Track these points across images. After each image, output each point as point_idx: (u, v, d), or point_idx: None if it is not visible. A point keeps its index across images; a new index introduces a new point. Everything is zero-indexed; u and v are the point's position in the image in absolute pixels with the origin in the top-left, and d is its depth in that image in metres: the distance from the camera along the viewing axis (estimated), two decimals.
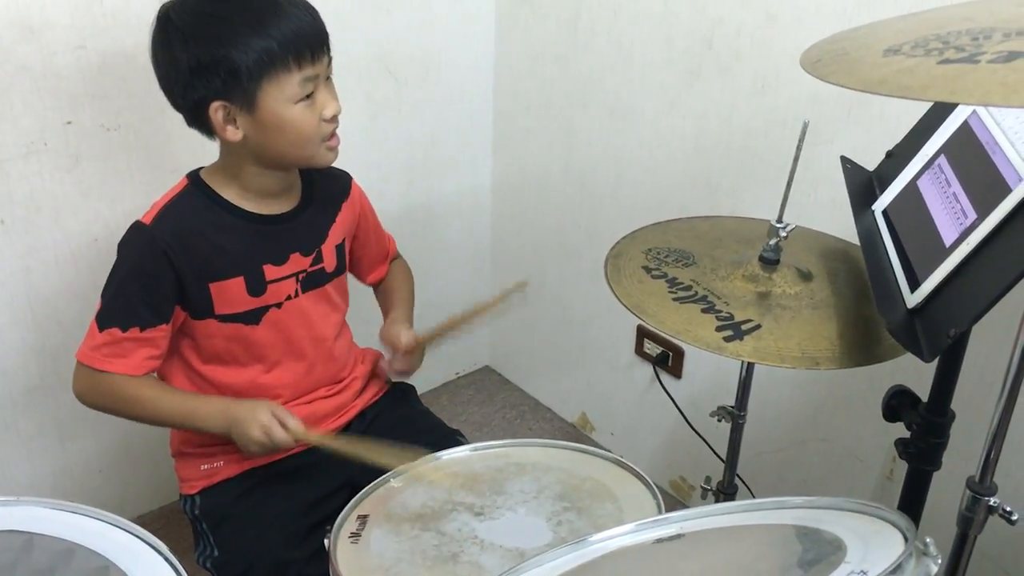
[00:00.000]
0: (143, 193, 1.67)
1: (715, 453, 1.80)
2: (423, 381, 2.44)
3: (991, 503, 0.88)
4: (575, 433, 2.35)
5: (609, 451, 2.22)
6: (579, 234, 2.16)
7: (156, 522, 1.93)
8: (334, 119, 1.26)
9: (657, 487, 2.13)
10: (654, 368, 2.04)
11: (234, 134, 1.22)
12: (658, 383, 2.03)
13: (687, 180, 1.86)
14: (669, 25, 1.78)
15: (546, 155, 2.17)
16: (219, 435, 1.29)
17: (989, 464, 0.88)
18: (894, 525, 0.76)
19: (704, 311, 1.13)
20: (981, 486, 0.89)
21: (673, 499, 2.14)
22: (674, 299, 1.15)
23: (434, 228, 2.31)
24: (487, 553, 1.12)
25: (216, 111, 1.21)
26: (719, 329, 1.09)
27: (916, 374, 1.19)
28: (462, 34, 2.12)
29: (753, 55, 1.66)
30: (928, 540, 0.72)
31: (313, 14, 1.24)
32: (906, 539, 0.72)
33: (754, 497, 1.81)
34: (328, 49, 1.26)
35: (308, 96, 1.22)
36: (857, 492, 1.74)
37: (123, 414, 1.30)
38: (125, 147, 1.69)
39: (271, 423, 1.24)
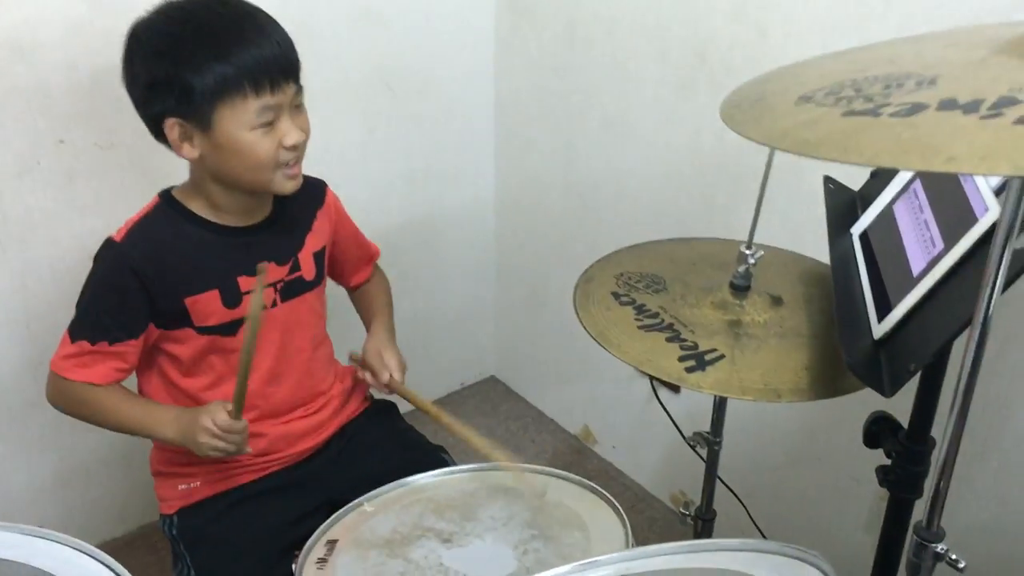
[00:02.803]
0: (137, 209, 1.69)
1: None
2: (427, 391, 2.45)
3: (938, 550, 0.86)
4: (577, 445, 2.33)
5: (610, 463, 2.22)
6: (581, 247, 2.14)
7: (156, 533, 1.95)
8: (294, 148, 1.25)
9: (657, 500, 2.14)
10: (651, 383, 2.02)
11: (190, 152, 1.24)
12: (654, 397, 2.01)
13: (683, 195, 1.84)
14: (662, 39, 1.76)
15: (547, 168, 2.16)
16: (190, 452, 1.29)
17: (936, 508, 0.85)
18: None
19: (669, 340, 1.11)
20: (928, 532, 0.87)
21: (673, 513, 2.12)
22: (639, 327, 1.13)
23: (438, 241, 2.31)
24: None
25: (172, 128, 1.22)
26: (682, 359, 1.07)
27: (910, 397, 1.16)
28: (460, 47, 2.11)
29: (745, 69, 1.61)
30: None
31: (282, 43, 1.23)
32: None
33: (749, 515, 1.79)
34: (296, 79, 1.25)
35: (267, 123, 1.22)
36: (852, 513, 1.71)
37: (89, 420, 1.33)
38: (119, 164, 1.71)
39: (216, 408, 1.24)
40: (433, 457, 1.48)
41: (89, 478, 1.92)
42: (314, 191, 1.45)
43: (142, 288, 1.26)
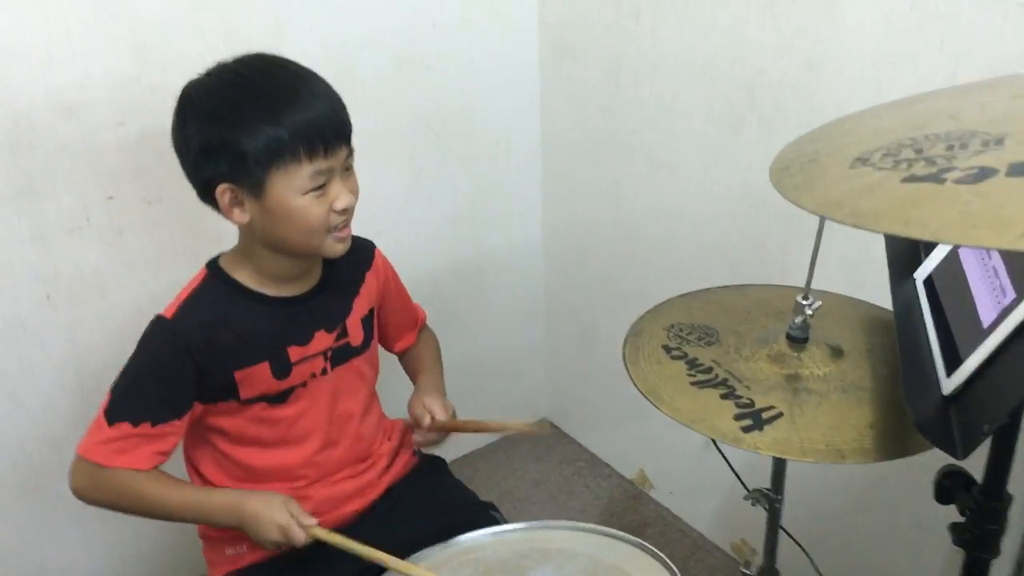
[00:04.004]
0: (186, 263, 1.68)
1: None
2: (481, 437, 2.42)
3: None
4: (633, 490, 2.27)
5: (667, 509, 2.16)
6: (630, 287, 2.10)
7: None
8: (345, 211, 1.23)
9: (717, 548, 2.07)
10: None
11: (240, 216, 1.22)
12: (712, 444, 1.95)
13: (736, 235, 1.79)
14: (710, 76, 1.72)
15: (595, 208, 2.13)
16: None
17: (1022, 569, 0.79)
18: None
19: (723, 397, 1.06)
20: None
21: (735, 562, 2.05)
22: (692, 383, 1.09)
23: (486, 284, 2.29)
24: None
25: (223, 193, 1.20)
26: (738, 418, 1.03)
27: (984, 448, 1.09)
28: (505, 88, 2.10)
29: (795, 105, 1.59)
30: None
31: (335, 106, 1.21)
32: None
33: (814, 566, 1.72)
34: (348, 141, 1.22)
35: (319, 187, 1.19)
36: (924, 565, 1.63)
37: (127, 510, 1.27)
38: (167, 219, 1.72)
39: (289, 524, 1.21)
40: (482, 516, 1.43)
41: (140, 534, 1.92)
42: (363, 253, 1.43)
43: (194, 366, 1.23)
